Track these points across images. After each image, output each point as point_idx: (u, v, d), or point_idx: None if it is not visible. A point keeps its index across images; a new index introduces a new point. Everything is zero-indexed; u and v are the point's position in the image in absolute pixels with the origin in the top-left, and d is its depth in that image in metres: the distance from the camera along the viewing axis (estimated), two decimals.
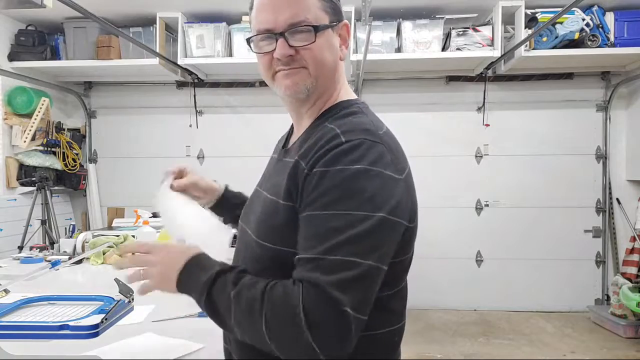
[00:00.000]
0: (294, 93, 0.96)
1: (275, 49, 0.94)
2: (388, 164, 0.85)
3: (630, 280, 4.26)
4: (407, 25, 4.26)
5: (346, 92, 1.02)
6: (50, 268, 2.20)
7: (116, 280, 1.08)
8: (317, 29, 0.92)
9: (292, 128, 1.10)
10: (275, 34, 0.93)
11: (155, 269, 0.95)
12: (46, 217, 4.03)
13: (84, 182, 5.04)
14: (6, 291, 1.57)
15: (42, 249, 2.67)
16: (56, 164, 4.73)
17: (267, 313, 0.79)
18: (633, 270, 4.46)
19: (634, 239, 4.54)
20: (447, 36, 4.29)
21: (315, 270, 0.78)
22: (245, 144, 4.91)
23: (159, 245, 0.99)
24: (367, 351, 0.91)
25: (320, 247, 0.79)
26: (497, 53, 4.19)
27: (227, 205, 1.30)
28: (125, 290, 1.08)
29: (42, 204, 4.04)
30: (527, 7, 4.09)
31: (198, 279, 0.89)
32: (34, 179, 4.16)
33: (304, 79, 0.95)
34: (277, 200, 0.90)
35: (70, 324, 1.02)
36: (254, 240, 0.96)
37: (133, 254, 0.99)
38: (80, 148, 5.09)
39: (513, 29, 4.28)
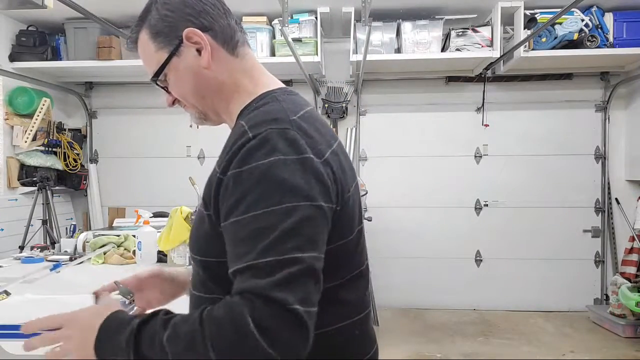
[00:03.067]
0: (200, 124, 1.03)
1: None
2: (305, 148, 0.80)
3: (629, 280, 4.27)
4: (406, 26, 4.28)
5: (263, 85, 0.97)
6: (51, 270, 2.21)
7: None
8: (158, 75, 0.96)
9: None
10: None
11: (72, 343, 0.84)
12: (47, 217, 4.04)
13: (84, 182, 5.06)
14: (7, 293, 1.58)
15: (43, 248, 2.67)
16: (57, 164, 4.74)
17: (213, 340, 0.72)
18: (632, 269, 4.47)
19: (632, 239, 4.55)
20: (447, 37, 4.30)
21: (252, 277, 0.73)
22: None
23: (69, 315, 0.88)
24: (320, 351, 0.85)
25: (252, 253, 0.74)
26: (496, 54, 4.20)
27: None
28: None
29: (43, 204, 4.05)
30: (526, 8, 4.10)
31: (118, 339, 0.79)
32: (35, 179, 4.17)
33: (193, 112, 1.01)
34: (202, 210, 0.88)
35: None
36: (192, 257, 0.93)
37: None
38: (81, 148, 5.10)
39: (512, 29, 4.29)
